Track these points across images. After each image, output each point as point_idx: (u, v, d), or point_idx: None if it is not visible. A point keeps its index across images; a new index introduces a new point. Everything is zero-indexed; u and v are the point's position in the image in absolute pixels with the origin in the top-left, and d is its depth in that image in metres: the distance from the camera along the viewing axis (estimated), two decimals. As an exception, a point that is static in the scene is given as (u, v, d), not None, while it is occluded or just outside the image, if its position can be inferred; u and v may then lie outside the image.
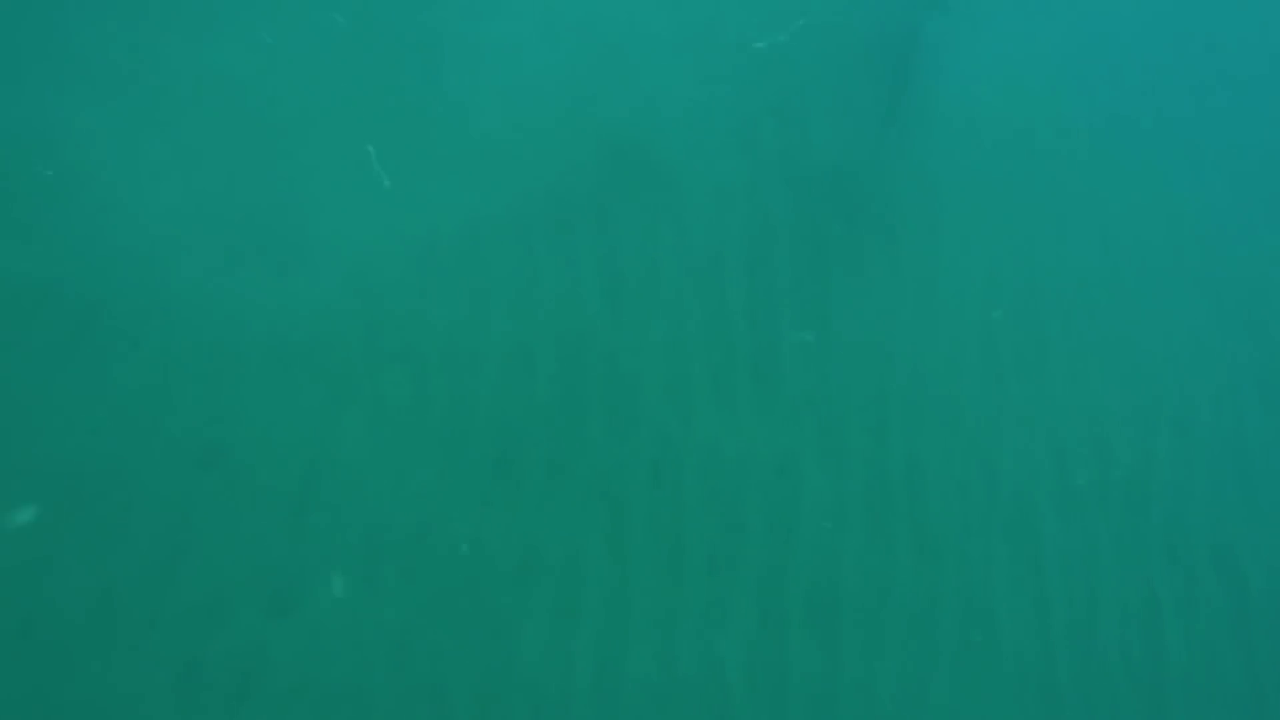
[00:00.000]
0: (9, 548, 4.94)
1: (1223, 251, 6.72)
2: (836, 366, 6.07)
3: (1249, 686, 5.57)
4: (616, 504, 5.73)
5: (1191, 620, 5.67)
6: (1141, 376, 6.45)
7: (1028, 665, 5.45)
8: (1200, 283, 6.66)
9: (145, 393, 5.68)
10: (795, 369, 6.06)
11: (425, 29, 6.88)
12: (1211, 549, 5.83)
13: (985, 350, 6.27)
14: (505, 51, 6.86)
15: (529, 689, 5.01)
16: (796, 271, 6.23)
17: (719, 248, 6.29)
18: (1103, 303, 6.39)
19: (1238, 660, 5.61)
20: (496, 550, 5.31)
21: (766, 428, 5.99)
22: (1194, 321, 6.60)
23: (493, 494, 5.65)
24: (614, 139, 6.59)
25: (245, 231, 6.08)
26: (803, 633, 5.39)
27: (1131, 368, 6.45)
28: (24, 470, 5.17)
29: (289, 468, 5.56)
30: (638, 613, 5.27)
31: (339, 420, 5.62)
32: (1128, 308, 6.44)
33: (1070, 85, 7.25)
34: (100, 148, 6.27)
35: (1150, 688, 5.48)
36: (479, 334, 6.10)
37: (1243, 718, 5.46)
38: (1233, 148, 7.18)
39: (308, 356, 5.83)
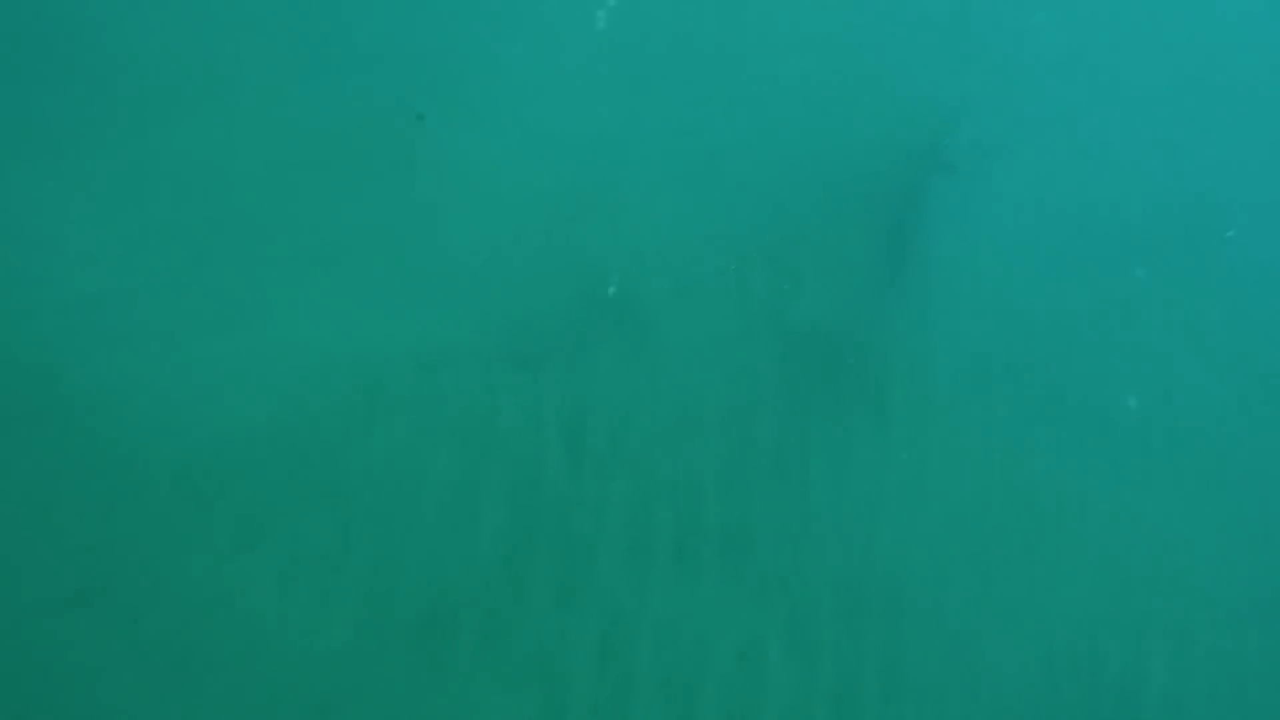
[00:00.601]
0: None
1: (1224, 456, 6.83)
2: (812, 547, 5.97)
3: None
4: (556, 682, 5.49)
5: None
6: (1135, 582, 6.43)
7: None
8: (1200, 485, 6.74)
9: (21, 507, 5.31)
10: (766, 545, 5.95)
11: (398, 136, 6.94)
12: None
13: (973, 546, 6.25)
14: (481, 167, 6.96)
15: None
16: (777, 439, 6.21)
17: (695, 404, 6.26)
18: (1098, 505, 6.45)
19: None
20: (415, 732, 4.98)
21: (730, 608, 5.84)
22: (1191, 527, 6.66)
23: (416, 662, 5.35)
24: (591, 272, 6.62)
25: (180, 334, 5.89)
26: None
27: (1125, 573, 6.46)
28: None
29: (177, 614, 5.20)
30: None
31: (242, 562, 5.31)
32: (1123, 510, 6.51)
33: (1075, 263, 7.48)
34: (34, 219, 6.11)
35: None
36: (419, 474, 5.92)
37: None
38: (1241, 342, 7.46)
39: (221, 484, 5.56)
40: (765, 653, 5.85)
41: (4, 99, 6.71)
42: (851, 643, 5.94)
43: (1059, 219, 7.75)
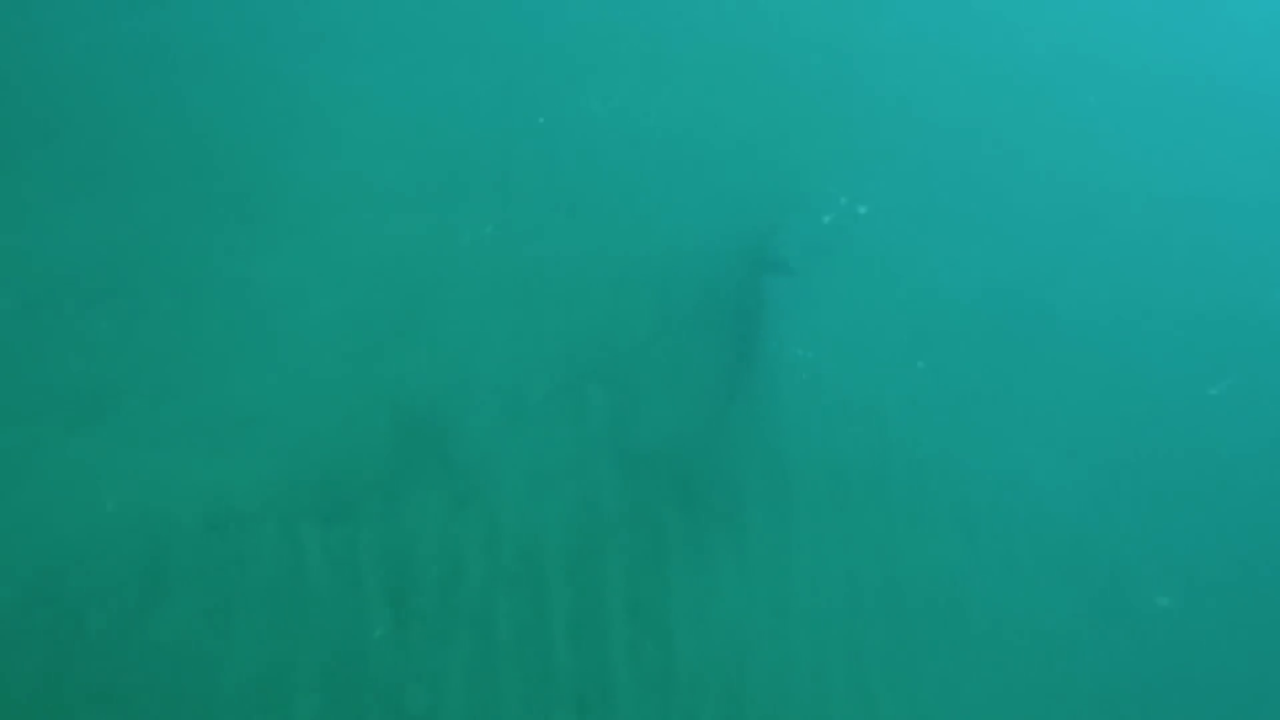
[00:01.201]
0: None
1: (1082, 541, 7.15)
2: (680, 688, 5.80)
3: None
4: None
5: None
6: (1015, 686, 6.56)
7: None
8: (1067, 580, 6.99)
9: None
10: (629, 696, 5.71)
11: (188, 261, 6.63)
12: None
13: (849, 659, 6.27)
14: (279, 295, 6.72)
15: None
16: (629, 572, 6.13)
17: (535, 544, 6.09)
18: (971, 602, 6.60)
19: None
20: None
21: (598, 778, 5.55)
22: (1066, 623, 6.88)
23: None
24: (408, 406, 6.46)
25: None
26: None
27: (1004, 677, 6.56)
28: None
29: None
30: None
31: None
32: (996, 607, 6.68)
33: (921, 356, 7.82)
34: None
35: None
36: (212, 661, 5.41)
37: None
38: (1087, 425, 7.87)
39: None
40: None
41: None
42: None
43: (900, 313, 8.17)
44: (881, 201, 9.04)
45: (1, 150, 7.49)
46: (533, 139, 8.19)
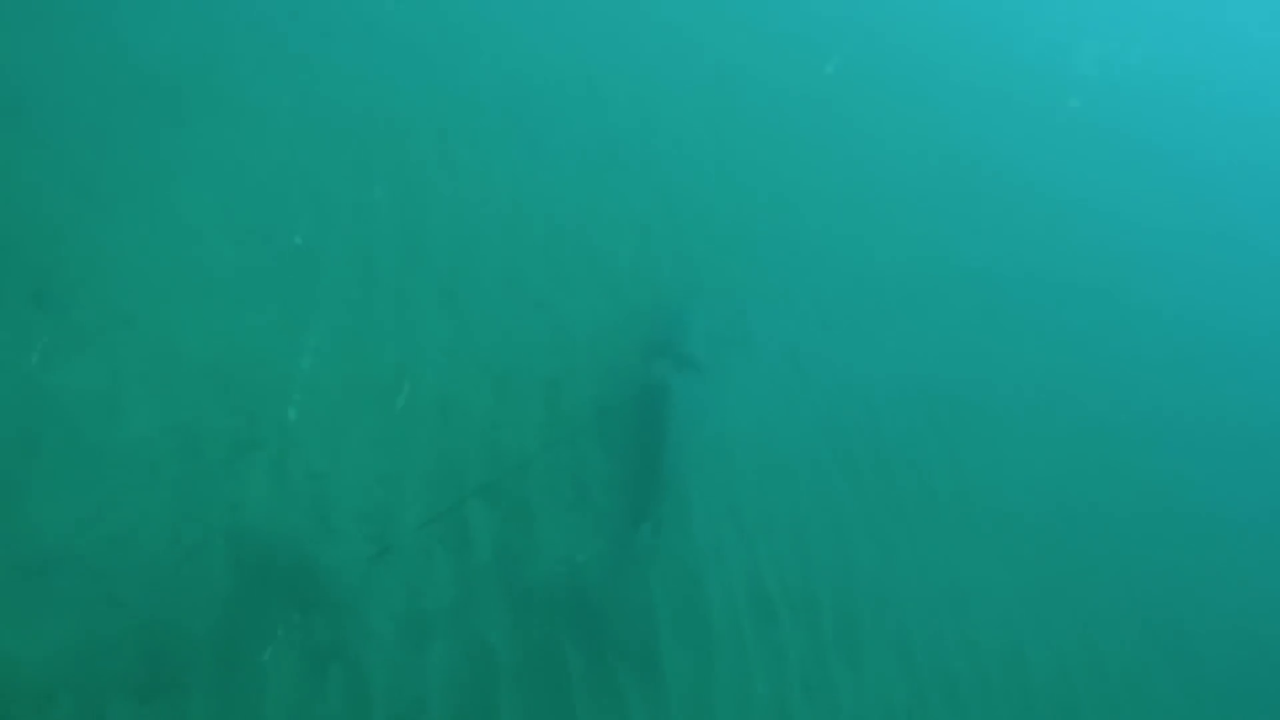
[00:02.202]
0: None
1: (1034, 661, 6.80)
2: None
3: None
4: None
5: None
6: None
7: None
8: (998, 695, 6.58)
9: None
10: None
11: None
12: None
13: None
14: (86, 406, 5.63)
15: None
16: (528, 732, 5.17)
17: (415, 703, 5.09)
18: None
19: None
20: None
21: None
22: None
23: None
24: (251, 539, 5.35)
25: None
26: None
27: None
28: None
29: None
30: None
31: None
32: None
33: (840, 459, 7.46)
34: None
35: None
36: None
37: None
38: (1019, 526, 7.63)
39: None
40: None
41: None
42: None
43: (816, 410, 7.75)
44: (788, 289, 8.72)
45: None
46: (395, 220, 7.40)
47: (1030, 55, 15.03)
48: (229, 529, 5.38)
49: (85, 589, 5.13)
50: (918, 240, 9.94)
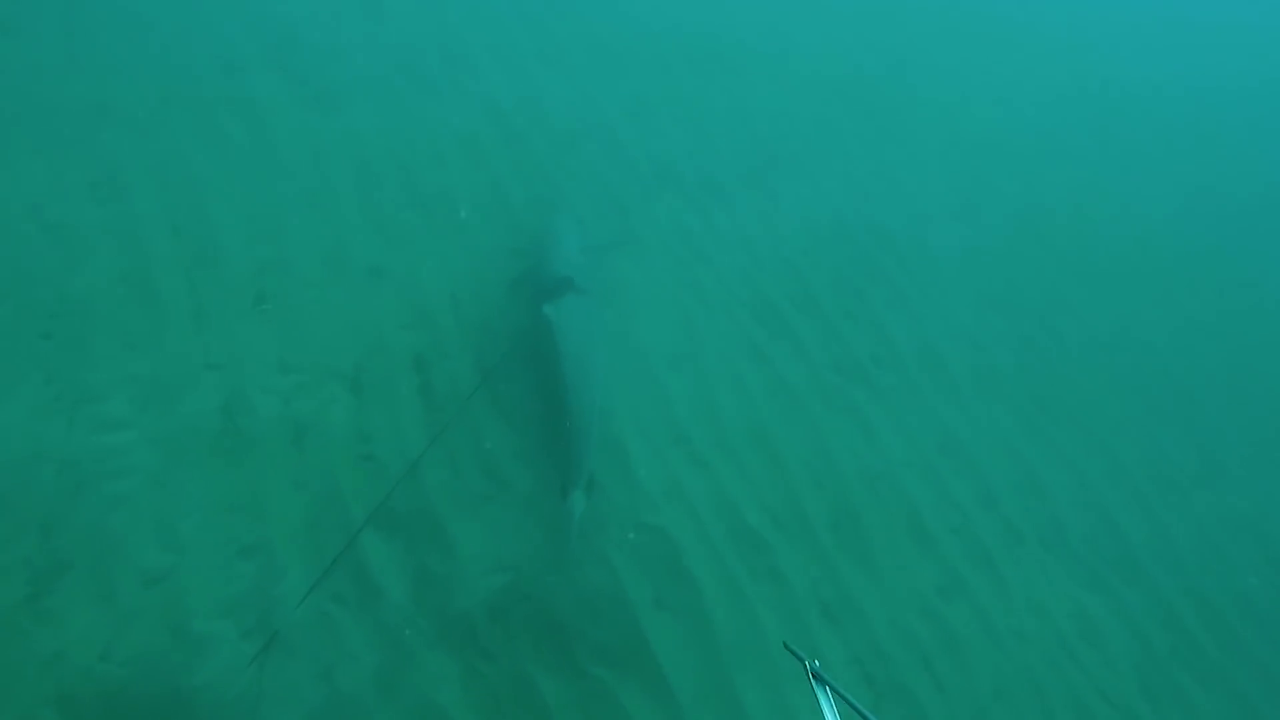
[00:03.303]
0: None
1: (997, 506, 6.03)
2: None
3: None
4: None
5: None
6: None
7: None
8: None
9: None
10: None
11: None
12: None
13: None
14: None
15: None
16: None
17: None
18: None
19: None
20: None
21: None
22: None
23: None
24: (96, 694, 4.19)
25: None
26: None
27: None
28: None
29: None
30: None
31: None
32: None
33: (768, 333, 6.45)
34: None
35: None
36: None
37: None
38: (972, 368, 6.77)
39: None
40: None
41: None
42: None
43: (728, 291, 6.79)
44: (663, 166, 7.59)
45: None
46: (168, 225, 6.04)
47: None
48: (56, 693, 4.18)
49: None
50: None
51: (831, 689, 2.63)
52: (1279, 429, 7.52)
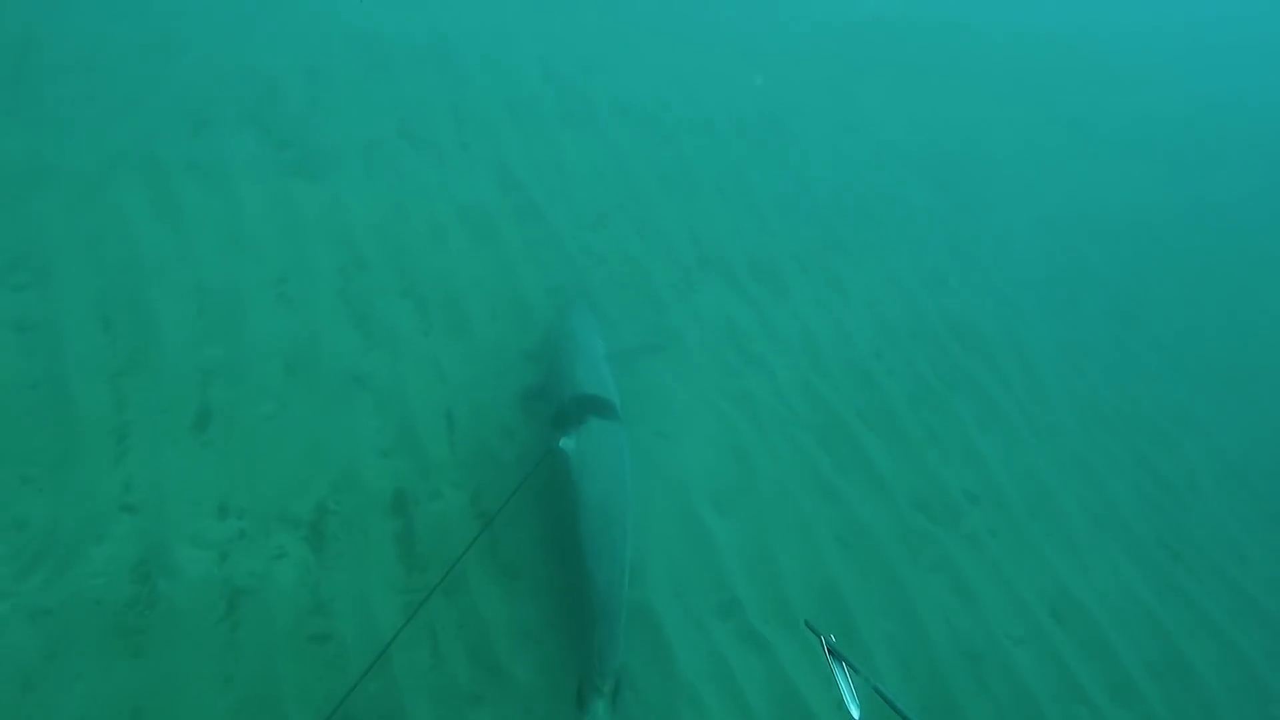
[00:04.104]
0: None
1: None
2: None
3: None
4: None
5: None
6: None
7: None
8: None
9: None
10: None
11: None
12: None
13: None
14: None
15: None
16: None
17: None
18: None
19: None
20: None
21: None
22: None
23: None
24: None
25: None
26: None
27: None
28: None
29: None
30: None
31: None
32: None
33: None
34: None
35: None
36: None
37: None
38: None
39: None
40: None
41: None
42: None
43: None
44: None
45: None
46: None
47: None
48: None
49: None
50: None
51: (848, 664, 2.75)
52: None
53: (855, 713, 2.54)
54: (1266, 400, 7.22)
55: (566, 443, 4.40)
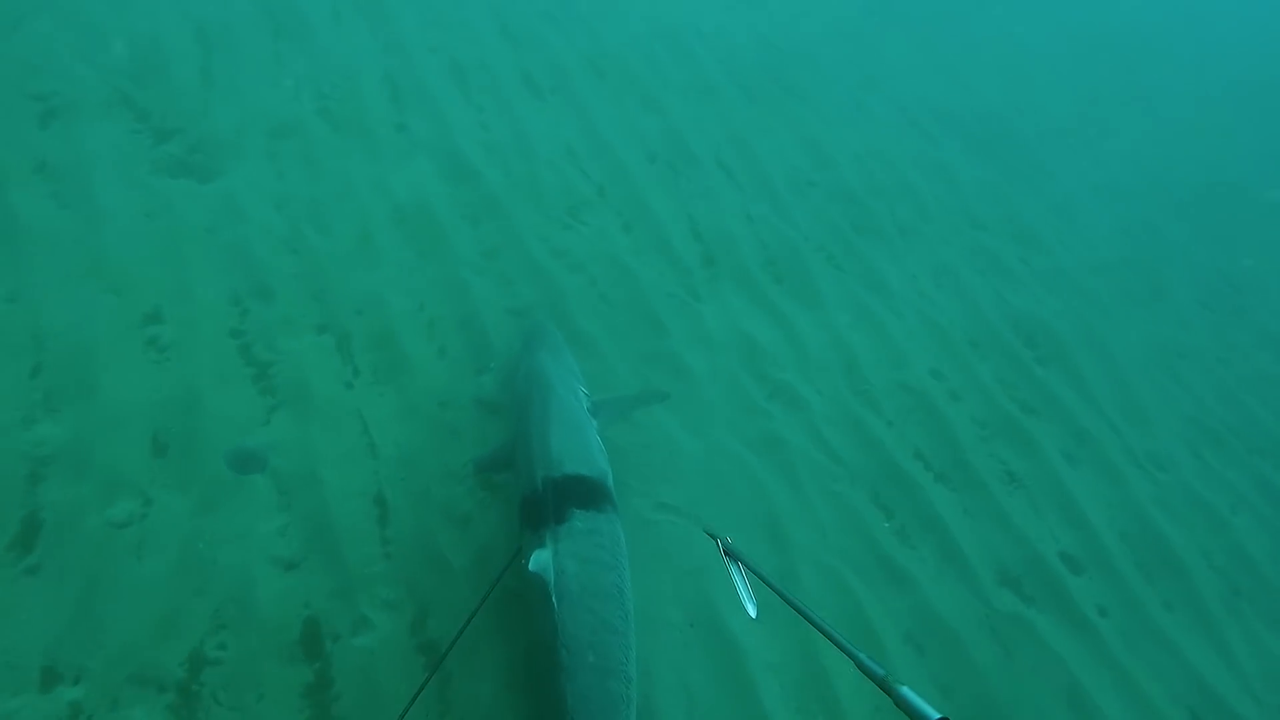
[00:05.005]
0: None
1: None
2: None
3: None
4: None
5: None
6: None
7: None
8: None
9: None
10: None
11: None
12: None
13: None
14: None
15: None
16: None
17: None
18: None
19: None
20: None
21: None
22: None
23: None
24: None
25: None
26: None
27: None
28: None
29: None
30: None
31: None
32: None
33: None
34: None
35: None
36: None
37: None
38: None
39: None
40: None
41: None
42: None
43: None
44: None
45: None
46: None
47: None
48: None
49: None
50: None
51: (744, 564, 2.76)
52: None
53: (752, 611, 2.62)
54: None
55: (539, 559, 3.14)
